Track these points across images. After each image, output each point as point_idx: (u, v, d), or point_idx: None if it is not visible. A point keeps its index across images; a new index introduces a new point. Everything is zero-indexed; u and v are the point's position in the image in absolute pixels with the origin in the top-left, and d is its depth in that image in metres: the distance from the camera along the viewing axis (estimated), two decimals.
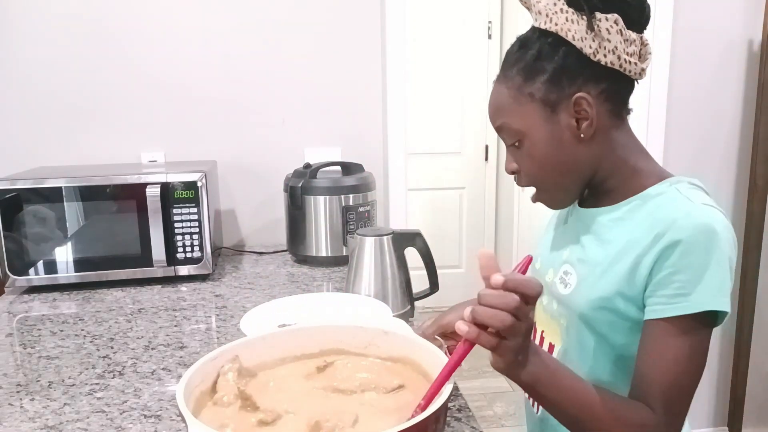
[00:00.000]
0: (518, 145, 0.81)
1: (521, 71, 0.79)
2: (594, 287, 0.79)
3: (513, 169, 0.85)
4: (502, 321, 0.59)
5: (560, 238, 0.91)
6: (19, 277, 1.47)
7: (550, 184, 0.83)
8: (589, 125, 0.78)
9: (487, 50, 3.59)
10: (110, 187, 1.50)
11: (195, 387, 0.68)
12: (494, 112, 0.83)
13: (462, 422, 0.87)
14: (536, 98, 0.78)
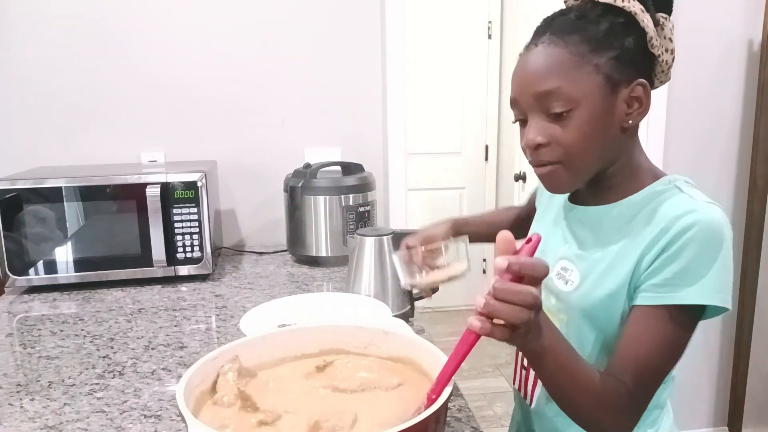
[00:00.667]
0: (565, 114, 0.76)
1: (588, 41, 0.75)
2: (599, 285, 0.80)
3: (541, 141, 0.78)
4: (520, 317, 0.59)
5: (556, 234, 0.92)
6: (19, 277, 1.47)
7: (579, 163, 0.79)
8: (640, 113, 0.78)
9: (487, 50, 3.59)
10: (110, 187, 1.50)
11: (195, 387, 0.68)
12: (545, 74, 0.76)
13: (462, 422, 0.87)
14: (601, 72, 0.75)
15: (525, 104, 0.79)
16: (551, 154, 0.79)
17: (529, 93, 0.78)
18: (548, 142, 0.78)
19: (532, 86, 0.77)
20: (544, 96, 0.76)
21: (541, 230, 0.95)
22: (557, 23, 0.78)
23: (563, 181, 0.81)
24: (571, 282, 0.84)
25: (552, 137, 0.78)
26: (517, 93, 0.80)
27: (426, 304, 1.35)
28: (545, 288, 0.88)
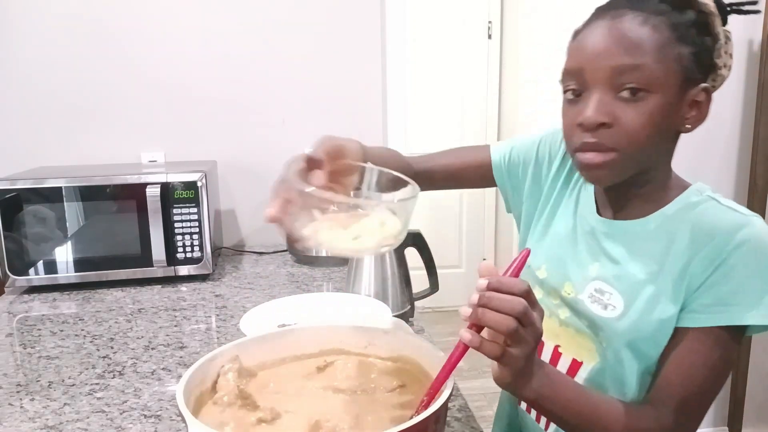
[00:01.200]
0: (637, 96, 0.68)
1: (674, 27, 0.69)
2: (650, 311, 0.73)
3: (605, 120, 0.69)
4: (508, 326, 0.57)
5: (578, 250, 0.83)
6: (19, 277, 1.47)
7: (636, 155, 0.71)
8: (696, 121, 0.73)
9: (487, 50, 3.58)
10: (110, 187, 1.50)
11: (195, 387, 0.68)
12: (632, 47, 0.68)
13: (462, 422, 0.87)
14: (681, 63, 0.69)
15: (593, 76, 0.70)
16: (610, 138, 0.69)
17: (604, 63, 0.68)
18: (611, 123, 0.69)
19: (610, 57, 0.68)
20: (622, 70, 0.68)
21: (551, 240, 0.88)
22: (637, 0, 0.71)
23: (611, 172, 0.72)
24: (613, 307, 0.76)
25: (616, 119, 0.69)
26: (584, 61, 0.70)
27: (426, 303, 1.34)
28: (568, 308, 0.82)
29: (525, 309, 0.58)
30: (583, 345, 0.80)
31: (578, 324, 0.81)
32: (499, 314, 0.57)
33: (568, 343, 0.83)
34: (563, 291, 0.83)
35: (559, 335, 0.84)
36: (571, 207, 0.87)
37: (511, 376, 0.62)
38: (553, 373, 0.68)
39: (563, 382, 0.69)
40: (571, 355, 0.82)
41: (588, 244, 0.82)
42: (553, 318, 0.84)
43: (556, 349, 0.84)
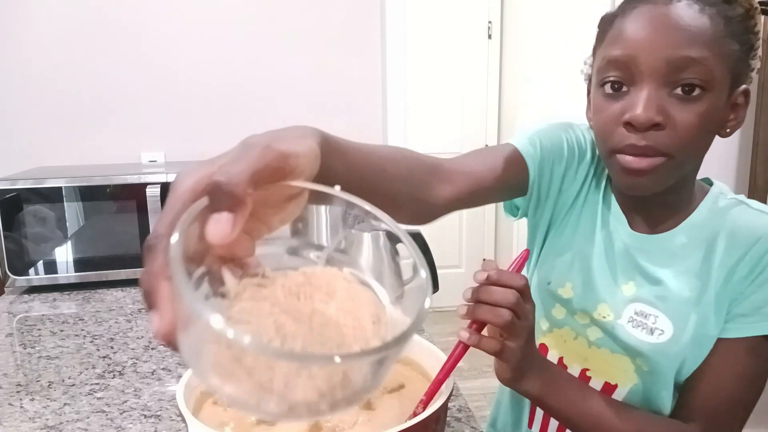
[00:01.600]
0: (693, 95, 0.61)
1: (726, 20, 0.62)
2: (704, 327, 0.68)
3: (659, 120, 0.61)
4: (502, 317, 0.57)
5: (614, 270, 0.75)
6: (19, 277, 1.47)
7: (686, 161, 0.65)
8: (738, 124, 0.67)
9: (487, 50, 3.58)
10: (110, 187, 1.49)
11: (195, 387, 0.67)
12: (694, 38, 0.60)
13: (462, 422, 0.87)
14: (730, 61, 0.62)
15: (645, 69, 0.61)
16: (661, 141, 0.62)
17: (661, 54, 0.60)
18: (665, 123, 0.61)
19: (670, 47, 0.60)
20: (683, 63, 0.60)
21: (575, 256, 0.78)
22: None
23: (659, 179, 0.65)
24: (661, 331, 0.69)
25: (670, 118, 0.61)
26: (635, 51, 0.62)
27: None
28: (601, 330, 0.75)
29: (518, 300, 0.58)
30: (618, 366, 0.74)
31: (613, 345, 0.74)
32: (495, 307, 0.58)
33: (600, 365, 0.76)
34: (596, 313, 0.75)
35: (587, 358, 0.77)
36: (597, 219, 0.77)
37: (511, 371, 0.62)
38: (558, 371, 0.68)
39: (570, 380, 0.69)
40: (602, 379, 0.76)
41: (618, 262, 0.75)
42: (580, 339, 0.77)
43: (584, 373, 0.78)
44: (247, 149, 0.37)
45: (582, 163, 0.79)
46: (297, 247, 0.41)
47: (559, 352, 0.80)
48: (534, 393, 0.65)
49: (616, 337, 0.73)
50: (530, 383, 0.64)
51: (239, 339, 0.28)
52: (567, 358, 0.80)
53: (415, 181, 0.63)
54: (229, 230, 0.32)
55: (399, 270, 0.49)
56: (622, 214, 0.76)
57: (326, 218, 0.41)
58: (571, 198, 0.79)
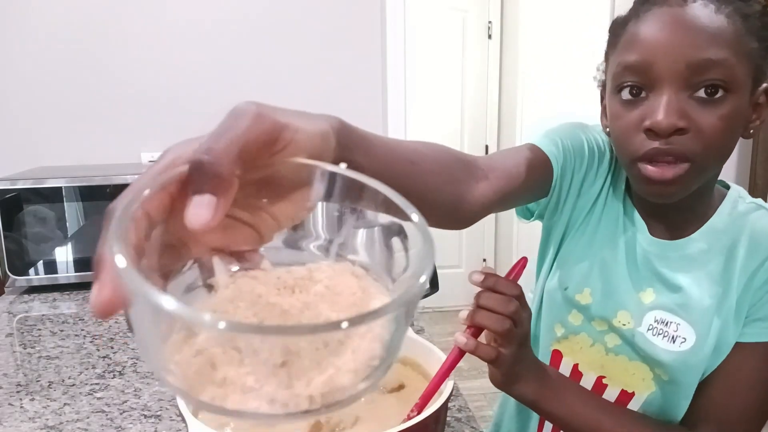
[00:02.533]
0: (716, 97, 0.59)
1: (744, 17, 0.59)
2: (727, 335, 0.67)
3: (683, 125, 0.59)
4: (502, 325, 0.58)
5: (634, 276, 0.74)
6: (19, 277, 1.47)
7: (710, 165, 0.63)
8: (758, 123, 0.65)
9: (487, 50, 3.58)
10: (110, 187, 1.49)
11: None
12: (713, 40, 0.58)
13: (462, 422, 0.87)
14: (753, 60, 0.60)
15: (664, 73, 0.59)
16: (686, 145, 0.59)
17: (681, 58, 0.58)
18: (688, 128, 0.59)
19: (689, 50, 0.58)
20: (703, 67, 0.58)
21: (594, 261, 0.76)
22: None
23: (684, 186, 0.63)
24: (683, 339, 0.68)
25: (694, 123, 0.59)
26: (653, 56, 0.60)
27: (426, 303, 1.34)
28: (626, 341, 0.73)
29: (518, 309, 0.58)
30: (637, 374, 0.73)
31: (631, 352, 0.73)
32: (494, 314, 0.58)
33: (617, 373, 0.75)
34: (616, 321, 0.73)
35: (604, 365, 0.76)
36: (617, 225, 0.75)
37: (503, 376, 0.62)
38: (555, 375, 0.68)
39: (567, 385, 0.69)
40: (619, 387, 0.75)
41: (638, 268, 0.73)
42: (597, 346, 0.76)
43: (600, 380, 0.76)
44: (235, 119, 0.32)
45: (602, 166, 0.76)
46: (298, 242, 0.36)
47: (573, 359, 0.79)
48: (529, 397, 0.65)
49: (635, 345, 0.72)
50: (524, 387, 0.64)
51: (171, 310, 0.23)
52: (582, 366, 0.78)
53: (448, 178, 0.57)
54: (210, 216, 0.28)
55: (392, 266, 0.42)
56: (641, 220, 0.74)
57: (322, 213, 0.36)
58: (591, 201, 0.77)
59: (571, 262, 0.77)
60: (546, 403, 0.66)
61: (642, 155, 0.62)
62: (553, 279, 0.80)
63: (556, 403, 0.66)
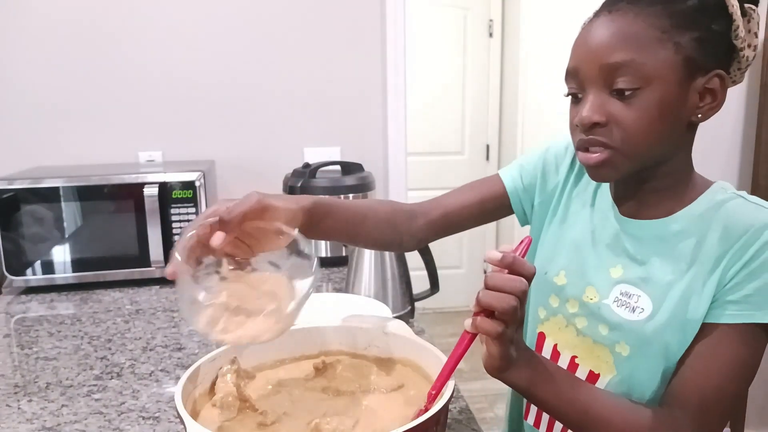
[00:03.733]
0: (631, 93, 0.67)
1: (673, 15, 0.66)
2: (681, 313, 0.70)
3: (598, 119, 0.69)
4: (509, 303, 0.59)
5: (601, 253, 0.80)
6: (16, 278, 1.46)
7: (636, 151, 0.70)
8: (712, 109, 0.70)
9: (488, 48, 3.58)
10: (108, 187, 1.49)
11: (193, 388, 0.67)
12: (618, 44, 0.67)
13: (463, 424, 0.87)
14: (681, 52, 0.66)
15: (586, 76, 0.70)
16: (607, 136, 0.69)
17: (594, 64, 0.68)
18: (606, 121, 0.69)
19: (599, 56, 0.68)
20: (612, 69, 0.67)
21: (568, 245, 0.83)
22: None
23: (612, 169, 0.72)
24: (641, 310, 0.73)
25: (611, 116, 0.68)
26: (578, 62, 0.71)
27: (426, 304, 1.33)
28: (589, 315, 0.79)
29: (526, 289, 0.60)
30: (601, 357, 0.77)
31: (596, 334, 0.78)
32: (501, 293, 0.60)
33: (586, 354, 0.80)
34: (585, 296, 0.79)
35: (576, 346, 0.81)
36: (587, 209, 0.84)
37: (500, 359, 0.63)
38: (546, 362, 0.70)
39: (556, 371, 0.70)
40: (588, 367, 0.79)
41: (609, 246, 0.79)
42: (570, 327, 0.81)
43: (573, 359, 0.82)
44: (246, 199, 0.69)
45: (562, 165, 0.89)
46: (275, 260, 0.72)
47: (554, 340, 0.84)
48: (522, 384, 0.67)
49: (601, 318, 0.77)
50: (517, 374, 0.66)
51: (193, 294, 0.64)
52: (560, 346, 0.83)
53: (390, 224, 0.88)
54: (219, 242, 0.64)
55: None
56: (611, 201, 0.80)
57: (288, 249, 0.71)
58: (561, 195, 0.88)
59: (549, 249, 0.87)
60: (537, 389, 0.67)
61: (577, 145, 0.73)
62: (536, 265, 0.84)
63: (548, 389, 0.68)
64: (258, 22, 1.87)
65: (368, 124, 1.99)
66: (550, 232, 0.88)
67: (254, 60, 1.89)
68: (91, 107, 1.82)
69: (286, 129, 1.93)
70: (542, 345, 0.85)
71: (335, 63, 1.93)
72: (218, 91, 1.88)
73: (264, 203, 0.68)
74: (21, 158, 1.75)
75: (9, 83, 1.77)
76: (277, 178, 1.77)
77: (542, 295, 0.85)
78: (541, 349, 0.85)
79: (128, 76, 1.82)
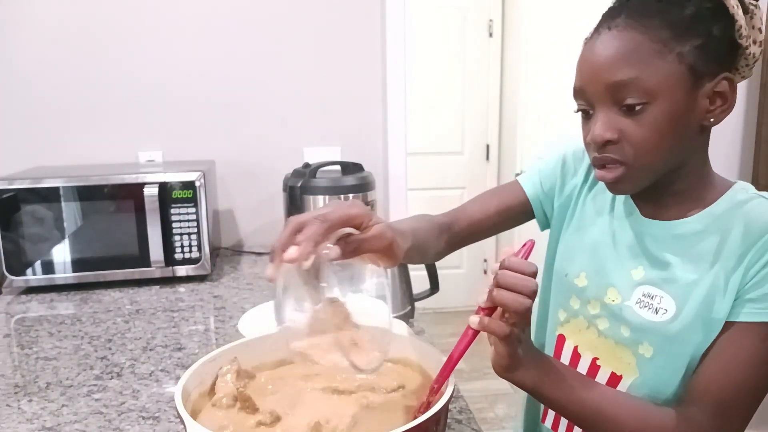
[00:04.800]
0: (639, 108, 0.67)
1: (672, 25, 0.66)
2: (705, 313, 0.70)
3: (610, 137, 0.69)
4: (523, 304, 0.60)
5: (622, 255, 0.79)
6: (16, 278, 1.46)
7: (650, 164, 0.70)
8: (724, 111, 0.70)
9: (488, 48, 3.58)
10: (108, 187, 1.49)
11: (193, 388, 0.67)
12: (621, 62, 0.67)
13: (463, 424, 0.87)
14: (684, 62, 0.67)
15: (593, 95, 0.70)
16: (620, 153, 0.70)
17: (599, 83, 0.69)
18: (618, 138, 0.69)
19: (603, 75, 0.68)
20: (617, 87, 0.68)
21: (588, 246, 0.83)
22: (634, 4, 0.69)
23: (630, 183, 0.72)
24: (664, 311, 0.73)
25: (623, 133, 0.69)
26: (584, 82, 0.71)
27: (426, 304, 1.33)
28: (611, 317, 0.78)
29: (537, 288, 0.60)
30: (623, 359, 0.77)
31: (618, 336, 0.77)
32: (514, 293, 0.60)
33: (607, 355, 0.79)
34: (606, 298, 0.79)
35: (597, 347, 0.80)
36: (606, 211, 0.84)
37: (508, 358, 0.64)
38: (554, 362, 0.70)
39: (565, 370, 0.70)
40: (609, 369, 0.79)
41: (629, 248, 0.79)
42: (591, 329, 0.81)
43: (594, 361, 0.81)
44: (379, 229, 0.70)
45: (580, 169, 0.89)
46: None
47: (574, 342, 0.83)
48: (529, 383, 0.67)
49: (623, 320, 0.76)
50: (525, 374, 0.66)
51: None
52: (581, 347, 0.82)
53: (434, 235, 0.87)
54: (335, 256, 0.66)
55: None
56: (632, 203, 0.80)
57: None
58: (579, 197, 0.88)
59: (569, 250, 0.87)
60: (546, 389, 0.67)
61: (593, 162, 0.74)
62: (555, 267, 0.88)
63: (556, 388, 0.68)
64: (258, 22, 1.87)
65: (368, 124, 1.99)
66: (569, 233, 0.87)
67: (254, 60, 1.89)
68: (91, 107, 1.82)
69: (286, 129, 1.93)
70: (562, 347, 0.85)
71: (335, 63, 1.93)
72: (218, 91, 1.88)
73: (391, 240, 0.71)
74: (21, 158, 1.75)
75: (9, 83, 1.77)
76: (278, 177, 1.77)
77: (562, 296, 0.85)
78: (561, 351, 0.85)
79: (128, 76, 1.82)
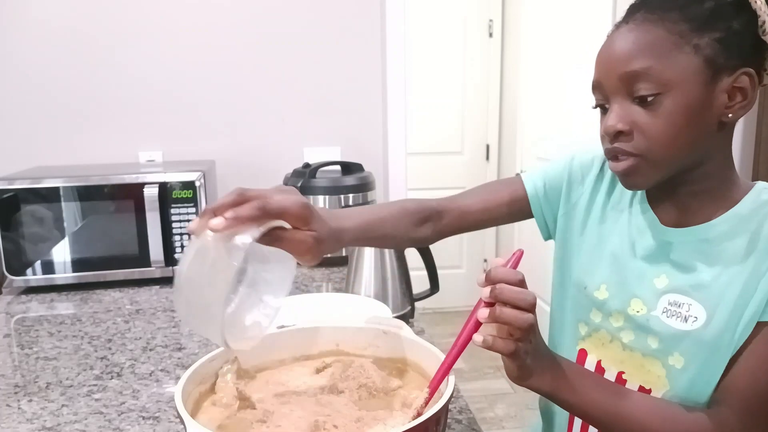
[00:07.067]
0: (652, 99, 0.67)
1: (690, 19, 0.66)
2: (739, 316, 0.68)
3: (622, 128, 0.69)
4: (527, 321, 0.59)
5: (642, 265, 0.77)
6: (16, 278, 1.47)
7: (663, 157, 0.69)
8: (743, 107, 0.68)
9: (488, 48, 3.58)
10: (108, 187, 1.49)
11: (193, 388, 0.67)
12: (635, 53, 0.67)
13: (463, 424, 0.87)
14: (701, 54, 0.66)
15: (609, 87, 0.71)
16: (632, 145, 0.69)
17: (614, 74, 0.69)
18: (630, 129, 0.69)
19: (618, 66, 0.69)
20: (631, 77, 0.68)
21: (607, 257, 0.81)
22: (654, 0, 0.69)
23: (642, 176, 0.71)
24: (694, 318, 0.71)
25: (635, 125, 0.69)
26: (601, 74, 0.72)
27: (426, 304, 1.33)
28: (635, 328, 0.76)
29: (535, 301, 0.60)
30: (652, 371, 0.75)
31: (645, 348, 0.75)
32: (517, 310, 0.59)
33: (634, 369, 0.77)
34: (630, 309, 0.77)
35: (623, 361, 0.78)
36: (623, 219, 0.82)
37: (518, 370, 0.64)
38: (571, 366, 0.69)
39: (583, 374, 0.70)
40: (637, 382, 0.77)
41: (650, 256, 0.77)
42: (615, 342, 0.79)
43: (620, 375, 0.79)
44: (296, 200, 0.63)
45: (589, 176, 0.87)
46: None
47: (597, 356, 0.81)
48: (545, 389, 0.66)
49: (651, 330, 0.74)
50: (539, 380, 0.65)
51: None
52: (605, 361, 0.81)
53: (404, 224, 0.86)
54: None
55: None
56: (650, 210, 0.79)
57: None
58: (590, 207, 0.86)
59: (586, 263, 0.84)
60: (562, 392, 0.67)
61: (606, 154, 0.74)
62: (573, 279, 0.86)
63: (573, 392, 0.67)
64: (258, 22, 1.87)
65: (368, 124, 1.99)
66: (584, 245, 0.85)
67: (254, 60, 1.89)
68: (91, 107, 1.82)
69: (286, 129, 1.93)
70: (583, 362, 0.83)
71: (335, 63, 1.93)
72: (218, 91, 1.88)
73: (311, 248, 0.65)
74: (21, 158, 1.76)
75: (9, 83, 1.77)
76: (278, 177, 1.77)
77: (582, 310, 0.83)
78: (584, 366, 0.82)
79: (128, 76, 1.82)
